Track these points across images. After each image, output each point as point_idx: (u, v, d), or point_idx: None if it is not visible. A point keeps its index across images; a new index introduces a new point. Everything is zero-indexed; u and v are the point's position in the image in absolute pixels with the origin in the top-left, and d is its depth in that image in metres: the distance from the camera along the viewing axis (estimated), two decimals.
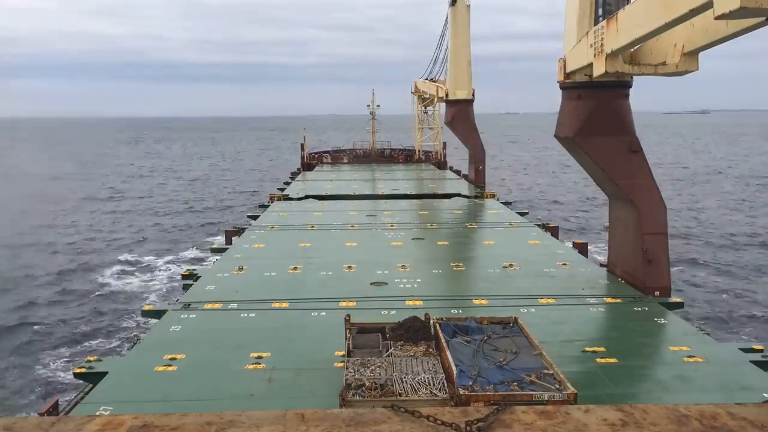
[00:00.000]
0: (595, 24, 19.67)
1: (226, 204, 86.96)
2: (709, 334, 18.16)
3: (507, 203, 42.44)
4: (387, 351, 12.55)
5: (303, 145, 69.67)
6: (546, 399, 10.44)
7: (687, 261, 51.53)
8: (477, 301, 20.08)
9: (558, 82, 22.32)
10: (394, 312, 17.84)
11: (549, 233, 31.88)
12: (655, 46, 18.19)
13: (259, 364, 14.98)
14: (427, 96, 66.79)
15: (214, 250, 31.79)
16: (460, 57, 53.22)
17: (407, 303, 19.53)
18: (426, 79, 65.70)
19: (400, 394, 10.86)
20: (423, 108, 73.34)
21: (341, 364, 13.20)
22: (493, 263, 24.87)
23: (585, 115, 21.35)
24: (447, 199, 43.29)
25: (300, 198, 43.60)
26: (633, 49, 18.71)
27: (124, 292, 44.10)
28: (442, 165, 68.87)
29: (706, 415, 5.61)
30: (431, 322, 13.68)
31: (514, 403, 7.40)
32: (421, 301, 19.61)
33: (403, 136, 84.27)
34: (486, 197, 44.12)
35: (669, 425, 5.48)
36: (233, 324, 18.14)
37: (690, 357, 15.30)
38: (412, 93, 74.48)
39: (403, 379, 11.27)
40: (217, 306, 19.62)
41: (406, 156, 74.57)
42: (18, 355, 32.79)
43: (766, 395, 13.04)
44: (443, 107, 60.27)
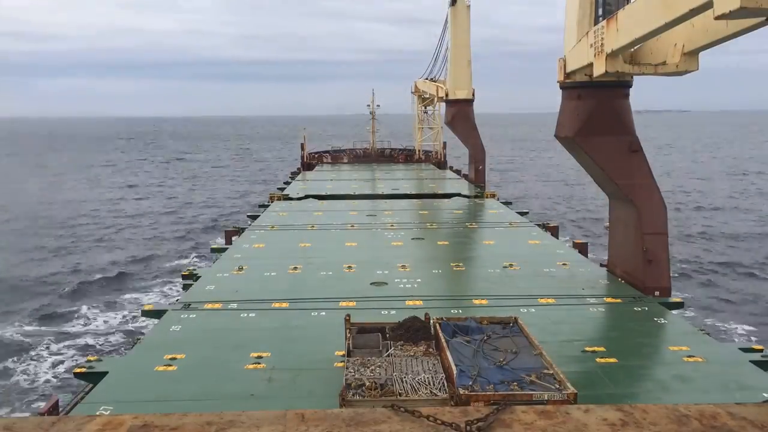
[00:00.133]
0: (595, 24, 19.67)
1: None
2: (709, 334, 18.16)
3: (507, 203, 42.46)
4: (387, 351, 12.54)
5: (303, 145, 69.70)
6: (546, 399, 10.43)
7: (687, 261, 51.54)
8: (477, 301, 20.07)
9: (558, 82, 22.34)
10: (394, 312, 17.83)
11: (549, 233, 31.90)
12: (655, 46, 18.19)
13: (259, 364, 14.98)
14: (427, 96, 66.81)
15: (214, 249, 31.78)
16: (460, 57, 53.23)
17: (407, 303, 19.52)
18: (426, 79, 65.75)
19: (400, 394, 10.85)
20: (423, 108, 73.37)
21: (341, 364, 13.19)
22: (493, 263, 24.87)
23: (585, 115, 21.36)
24: (447, 199, 43.29)
25: (300, 198, 43.59)
26: (633, 49, 18.71)
27: (123, 292, 44.13)
28: (442, 165, 68.91)
29: (706, 415, 5.62)
30: (431, 322, 13.68)
31: (514, 403, 7.40)
32: (421, 301, 19.61)
33: (404, 136, 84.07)
34: (486, 197, 44.12)
35: (669, 425, 5.48)
36: (233, 324, 18.13)
37: (690, 357, 15.29)
38: (412, 93, 74.50)
39: (403, 379, 11.27)
40: (217, 306, 19.62)
41: (406, 156, 74.60)
42: (18, 355, 32.79)
43: (766, 395, 13.04)
44: (443, 107, 60.31)
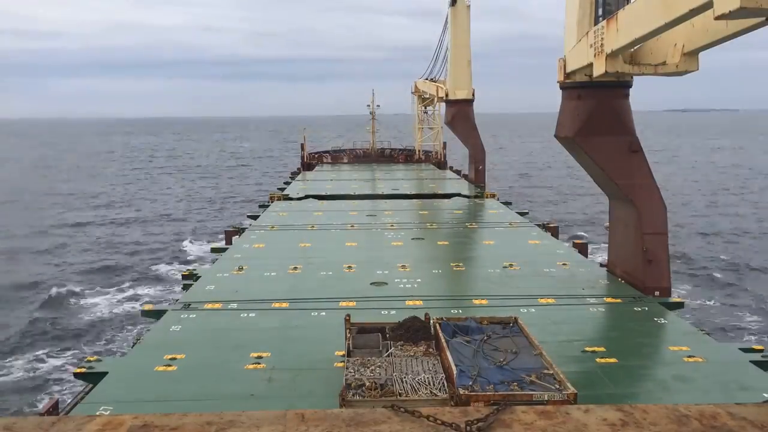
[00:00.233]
0: (595, 24, 19.67)
1: None
2: (710, 334, 18.16)
3: (507, 203, 42.45)
4: (387, 351, 12.54)
5: (303, 145, 69.72)
6: (546, 399, 10.43)
7: (687, 260, 51.53)
8: (477, 301, 20.07)
9: (558, 82, 22.35)
10: (394, 312, 17.82)
11: (549, 233, 31.89)
12: (655, 46, 18.19)
13: (259, 364, 14.97)
14: (427, 96, 66.82)
15: (214, 250, 31.78)
16: (460, 57, 53.24)
17: (407, 303, 19.52)
18: (426, 79, 65.76)
19: (400, 394, 10.85)
20: (423, 108, 73.37)
21: (341, 364, 13.19)
22: (493, 263, 24.86)
23: (585, 115, 21.37)
24: (447, 199, 43.28)
25: (300, 198, 43.58)
26: (633, 49, 18.72)
27: (124, 291, 44.13)
28: (442, 165, 68.91)
29: (706, 415, 5.61)
30: (431, 322, 13.67)
31: (514, 403, 7.40)
32: (421, 301, 19.60)
33: (404, 135, 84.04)
34: (486, 197, 44.12)
35: (669, 425, 5.48)
36: (233, 324, 18.13)
37: (690, 357, 15.29)
38: (412, 93, 74.51)
39: (403, 379, 11.27)
40: (217, 306, 19.61)
41: (406, 156, 74.61)
42: (18, 355, 32.79)
43: (766, 395, 13.04)
44: (443, 107, 60.32)
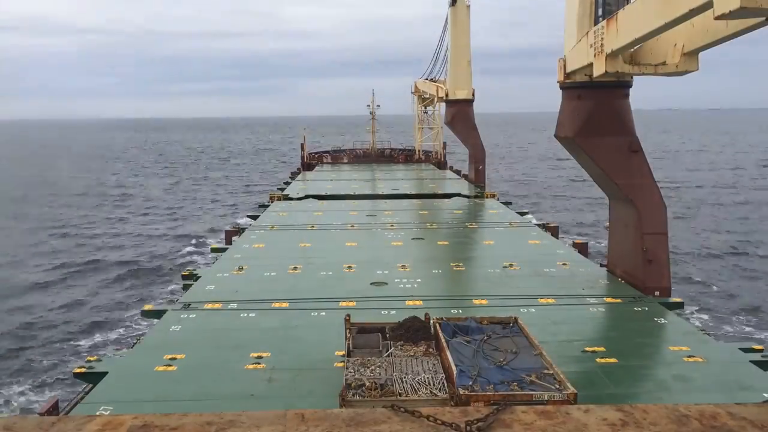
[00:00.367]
0: (595, 24, 19.67)
1: None
2: (710, 334, 18.17)
3: (507, 203, 42.48)
4: (387, 351, 12.55)
5: (303, 145, 69.75)
6: (546, 399, 10.44)
7: (687, 260, 51.53)
8: (477, 301, 20.08)
9: (558, 82, 22.35)
10: (394, 312, 17.84)
11: (549, 233, 31.91)
12: (655, 46, 18.19)
13: (259, 364, 14.98)
14: (427, 96, 66.83)
15: (214, 249, 31.79)
16: (460, 57, 53.26)
17: (407, 303, 19.53)
18: (426, 79, 65.77)
19: (400, 394, 10.86)
20: (423, 108, 73.39)
21: (341, 364, 13.20)
22: (493, 263, 24.87)
23: (585, 115, 21.37)
24: (447, 199, 43.31)
25: (300, 198, 43.61)
26: (633, 49, 18.71)
27: (123, 291, 44.13)
28: (442, 165, 68.92)
29: (706, 415, 5.61)
30: (431, 322, 13.68)
31: (514, 403, 7.40)
32: (421, 301, 19.61)
33: (404, 136, 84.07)
34: (486, 197, 44.15)
35: (669, 425, 5.47)
36: (233, 324, 18.14)
37: (690, 357, 15.30)
38: (412, 93, 74.53)
39: (403, 379, 11.27)
40: (217, 306, 19.62)
41: (406, 156, 74.62)
42: (18, 355, 32.79)
43: (766, 395, 13.05)
44: (443, 107, 60.33)
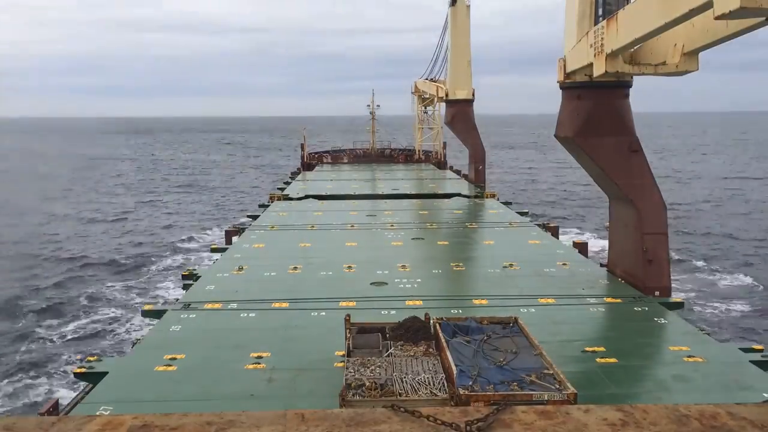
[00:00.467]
0: (595, 24, 19.67)
1: None
2: (710, 334, 18.17)
3: (507, 203, 42.47)
4: (387, 351, 12.55)
5: (303, 145, 69.76)
6: (546, 399, 10.44)
7: (687, 260, 51.53)
8: (477, 301, 20.08)
9: (558, 82, 22.35)
10: (394, 312, 17.85)
11: (549, 233, 31.91)
12: (655, 46, 18.19)
13: (259, 364, 14.99)
14: (427, 96, 66.85)
15: (214, 249, 31.78)
16: (460, 57, 53.28)
17: (407, 303, 19.53)
18: (426, 79, 65.78)
19: (400, 394, 10.86)
20: (423, 108, 73.41)
21: (341, 364, 13.20)
22: (493, 263, 24.87)
23: (585, 115, 21.37)
24: (447, 199, 43.31)
25: (300, 198, 43.61)
26: (633, 49, 18.72)
27: (123, 292, 44.13)
28: (442, 165, 68.93)
29: (706, 415, 5.61)
30: (431, 322, 13.68)
31: (514, 403, 7.40)
32: (421, 301, 19.61)
33: (403, 136, 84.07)
34: (486, 197, 44.15)
35: (669, 425, 5.47)
36: (233, 324, 18.14)
37: (690, 357, 15.30)
38: (412, 93, 74.56)
39: (403, 379, 11.27)
40: (217, 306, 19.63)
41: (406, 156, 74.62)
42: (18, 355, 32.79)
43: (766, 395, 13.05)
44: (443, 107, 60.34)
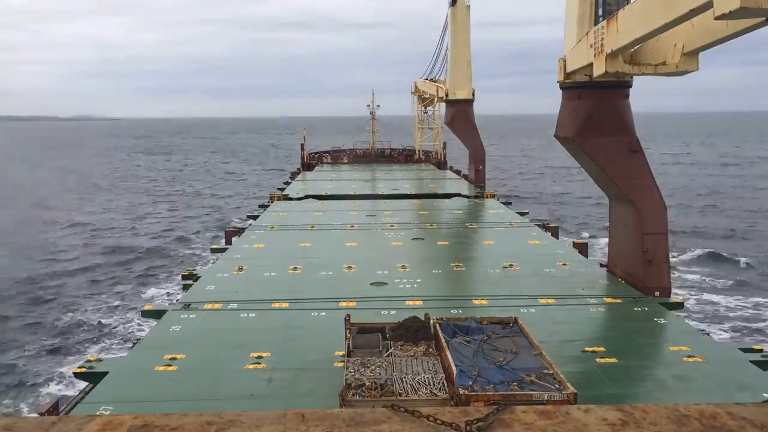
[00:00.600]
0: (595, 24, 19.67)
1: None
2: (709, 334, 18.18)
3: (507, 203, 42.47)
4: (387, 351, 12.55)
5: (303, 145, 69.73)
6: (546, 399, 10.44)
7: (687, 260, 51.53)
8: (477, 301, 20.08)
9: (558, 82, 22.34)
10: (394, 312, 17.85)
11: (549, 233, 31.91)
12: (655, 46, 18.19)
13: (259, 364, 14.99)
14: (427, 96, 66.84)
15: (214, 250, 31.80)
16: (460, 57, 53.28)
17: (407, 303, 19.53)
18: (426, 79, 65.78)
19: (400, 394, 10.86)
20: (423, 108, 73.40)
21: (341, 364, 13.20)
22: (493, 263, 24.87)
23: (585, 115, 21.37)
24: (447, 199, 43.30)
25: (300, 198, 43.61)
26: (633, 49, 18.72)
27: (124, 291, 44.15)
28: (442, 165, 68.92)
29: (706, 415, 5.61)
30: (431, 322, 13.68)
31: (514, 403, 7.39)
32: (421, 301, 19.61)
33: (404, 136, 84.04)
34: (486, 197, 44.14)
35: (669, 425, 5.47)
36: (233, 324, 18.14)
37: (690, 357, 15.30)
38: (412, 93, 74.55)
39: (403, 379, 11.27)
40: (217, 306, 19.63)
41: (406, 156, 74.62)
42: (18, 355, 32.80)
43: (766, 395, 13.05)
44: (443, 107, 60.33)
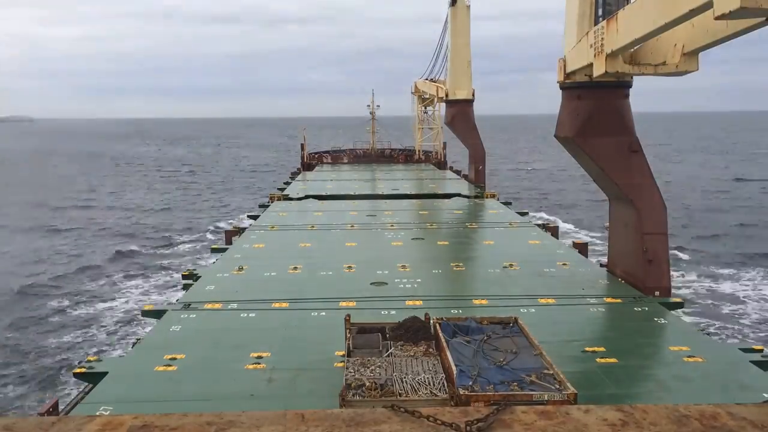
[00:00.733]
0: (595, 24, 19.68)
1: None
2: (709, 334, 18.18)
3: (507, 203, 42.47)
4: (387, 351, 12.55)
5: (303, 145, 69.73)
6: (546, 399, 10.44)
7: (687, 260, 51.53)
8: (477, 301, 20.08)
9: (558, 82, 22.34)
10: (394, 312, 17.85)
11: (549, 233, 31.91)
12: (655, 46, 18.20)
13: (259, 364, 14.99)
14: (427, 96, 66.85)
15: (214, 250, 31.79)
16: (460, 57, 53.29)
17: (407, 303, 19.53)
18: (426, 79, 65.79)
19: (400, 394, 10.86)
20: (423, 108, 73.41)
21: (341, 364, 13.20)
22: (493, 263, 24.87)
23: (585, 115, 21.37)
24: (447, 199, 43.31)
25: (300, 198, 43.61)
26: (633, 49, 18.72)
27: (123, 291, 44.13)
28: (442, 165, 68.93)
29: (706, 415, 5.60)
30: (431, 322, 13.68)
31: (514, 403, 7.39)
32: (421, 301, 19.61)
33: (404, 136, 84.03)
34: (486, 197, 44.14)
35: (669, 425, 5.47)
36: (233, 324, 18.14)
37: (690, 357, 15.30)
38: (412, 93, 74.56)
39: (403, 379, 11.27)
40: (217, 306, 19.63)
41: (406, 156, 74.62)
42: (18, 355, 32.79)
43: (766, 395, 13.05)
44: (443, 107, 60.33)
